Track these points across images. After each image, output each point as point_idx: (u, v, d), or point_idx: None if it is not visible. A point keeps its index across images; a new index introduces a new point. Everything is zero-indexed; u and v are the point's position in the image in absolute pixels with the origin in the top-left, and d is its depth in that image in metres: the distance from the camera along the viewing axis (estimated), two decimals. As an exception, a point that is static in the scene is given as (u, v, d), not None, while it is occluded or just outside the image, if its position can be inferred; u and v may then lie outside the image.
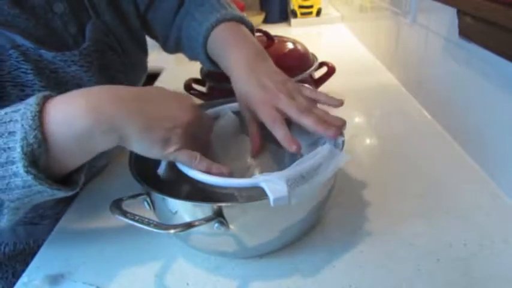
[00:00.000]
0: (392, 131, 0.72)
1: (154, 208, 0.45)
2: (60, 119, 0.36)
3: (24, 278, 0.48)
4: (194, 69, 0.81)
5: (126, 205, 0.41)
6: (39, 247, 0.54)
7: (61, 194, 0.38)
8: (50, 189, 0.37)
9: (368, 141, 0.71)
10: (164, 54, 0.74)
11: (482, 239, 0.46)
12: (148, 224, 0.38)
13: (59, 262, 0.50)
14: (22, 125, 0.35)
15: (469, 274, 0.42)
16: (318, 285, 0.43)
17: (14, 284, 0.48)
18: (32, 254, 0.53)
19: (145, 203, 0.44)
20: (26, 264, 0.51)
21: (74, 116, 0.36)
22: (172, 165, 0.45)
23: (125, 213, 0.40)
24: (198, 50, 0.62)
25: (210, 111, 0.55)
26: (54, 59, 0.50)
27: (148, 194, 0.44)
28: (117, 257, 0.50)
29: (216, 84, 0.76)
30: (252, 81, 0.50)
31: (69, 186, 0.39)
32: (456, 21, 0.59)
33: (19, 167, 0.35)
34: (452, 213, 0.51)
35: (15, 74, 0.48)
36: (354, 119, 0.78)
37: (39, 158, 0.36)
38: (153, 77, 1.15)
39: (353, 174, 0.60)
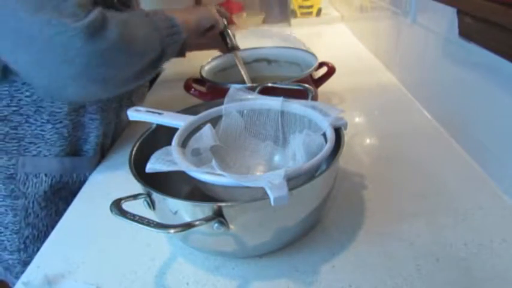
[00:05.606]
0: (392, 131, 0.72)
1: (154, 208, 0.45)
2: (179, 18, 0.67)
3: (24, 278, 0.48)
4: (194, 69, 0.81)
5: (126, 205, 0.41)
6: (80, 182, 0.65)
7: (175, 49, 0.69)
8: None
9: (368, 141, 0.71)
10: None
11: (482, 239, 0.46)
12: (148, 224, 0.38)
13: (59, 262, 0.50)
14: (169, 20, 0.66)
15: (469, 274, 0.42)
16: (318, 285, 0.43)
17: (57, 222, 0.55)
18: (73, 191, 0.62)
19: (145, 203, 0.44)
20: (67, 203, 0.59)
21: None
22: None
23: (125, 213, 0.40)
24: None
25: (210, 111, 0.55)
26: None
27: (148, 194, 0.44)
28: (117, 257, 0.50)
29: (216, 84, 0.76)
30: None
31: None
32: (456, 21, 0.59)
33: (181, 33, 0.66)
34: (452, 213, 0.51)
35: None
36: (354, 118, 0.78)
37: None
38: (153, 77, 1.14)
39: (353, 174, 0.60)
